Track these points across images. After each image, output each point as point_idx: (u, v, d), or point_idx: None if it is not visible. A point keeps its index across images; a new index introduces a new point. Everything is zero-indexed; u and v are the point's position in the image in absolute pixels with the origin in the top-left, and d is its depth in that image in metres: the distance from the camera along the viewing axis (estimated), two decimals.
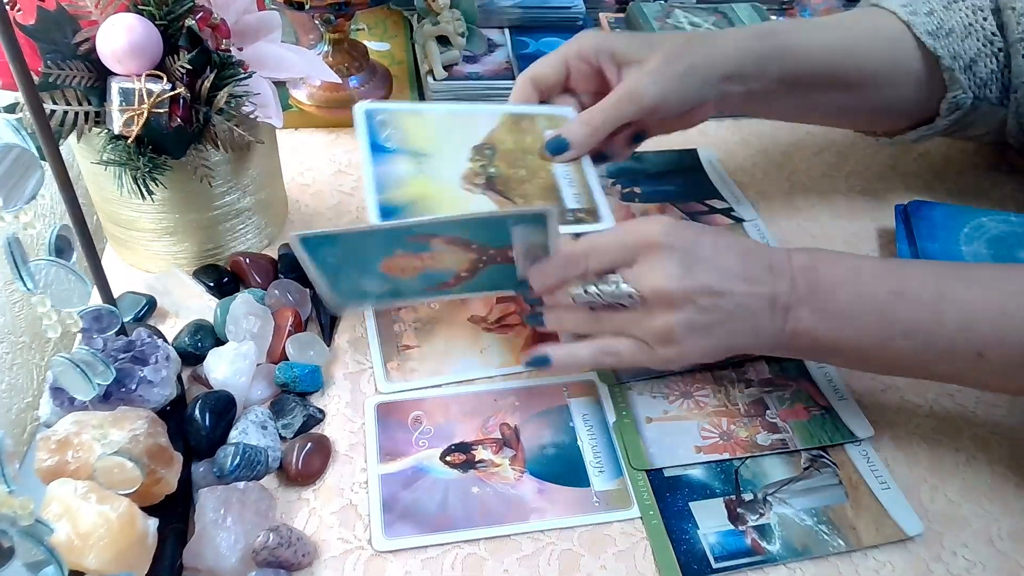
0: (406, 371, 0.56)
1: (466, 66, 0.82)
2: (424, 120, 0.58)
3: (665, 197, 0.72)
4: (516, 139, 0.58)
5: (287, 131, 0.78)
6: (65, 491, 0.40)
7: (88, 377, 0.44)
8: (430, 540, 0.47)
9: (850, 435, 0.53)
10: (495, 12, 0.88)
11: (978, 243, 0.64)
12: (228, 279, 0.60)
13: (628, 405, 0.55)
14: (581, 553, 0.47)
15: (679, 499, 0.49)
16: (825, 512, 0.49)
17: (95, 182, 0.58)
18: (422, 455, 0.51)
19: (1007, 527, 0.49)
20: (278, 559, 0.44)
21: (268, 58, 0.58)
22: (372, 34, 0.90)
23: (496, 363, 0.57)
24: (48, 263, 0.42)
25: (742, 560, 0.47)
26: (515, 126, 0.59)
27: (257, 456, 0.48)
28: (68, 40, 0.50)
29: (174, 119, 0.51)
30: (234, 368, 0.52)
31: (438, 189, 0.54)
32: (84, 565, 0.39)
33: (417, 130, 0.57)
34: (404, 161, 0.55)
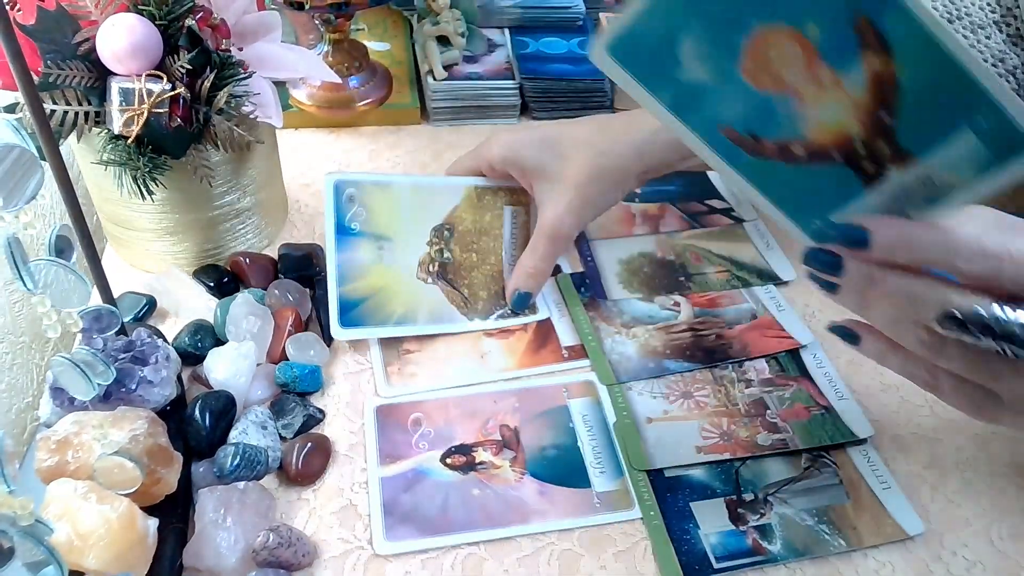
0: (406, 375, 0.56)
1: (466, 66, 0.82)
2: (390, 195, 0.59)
3: (665, 197, 0.72)
4: (476, 217, 0.62)
5: (287, 131, 0.78)
6: (65, 491, 0.40)
7: (88, 377, 0.44)
8: (431, 543, 0.47)
9: (850, 435, 0.53)
10: (495, 12, 0.88)
11: None
12: (228, 279, 0.60)
13: (628, 405, 0.55)
14: (581, 553, 0.47)
15: (680, 499, 0.49)
16: (826, 512, 0.49)
17: (95, 182, 0.58)
18: (422, 457, 0.51)
19: (1007, 527, 0.49)
20: (278, 559, 0.44)
21: (268, 58, 0.58)
22: (372, 34, 0.90)
23: (497, 368, 0.57)
24: (48, 263, 0.42)
25: (743, 560, 0.47)
26: (478, 201, 0.62)
27: (257, 456, 0.48)
28: (68, 40, 0.50)
29: (174, 119, 0.51)
30: (234, 368, 0.52)
31: (395, 279, 0.58)
32: (84, 565, 0.39)
33: (382, 208, 0.59)
34: (366, 247, 0.58)
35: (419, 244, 0.60)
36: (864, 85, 0.33)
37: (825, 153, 0.36)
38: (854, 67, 0.33)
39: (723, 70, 0.35)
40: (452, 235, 0.61)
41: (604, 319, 0.60)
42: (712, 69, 0.35)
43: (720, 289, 0.63)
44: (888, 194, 0.36)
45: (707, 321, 0.60)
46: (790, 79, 0.34)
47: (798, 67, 0.34)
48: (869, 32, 0.32)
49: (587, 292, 0.62)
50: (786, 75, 0.34)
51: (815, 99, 0.34)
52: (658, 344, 0.58)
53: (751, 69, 0.34)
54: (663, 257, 0.66)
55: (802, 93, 0.34)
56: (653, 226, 0.69)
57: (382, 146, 0.77)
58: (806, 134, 0.35)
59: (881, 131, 0.34)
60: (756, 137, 0.36)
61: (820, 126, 0.35)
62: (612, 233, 0.68)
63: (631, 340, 0.59)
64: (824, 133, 0.35)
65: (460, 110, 0.80)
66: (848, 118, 0.34)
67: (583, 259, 0.65)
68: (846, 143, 0.35)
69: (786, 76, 0.34)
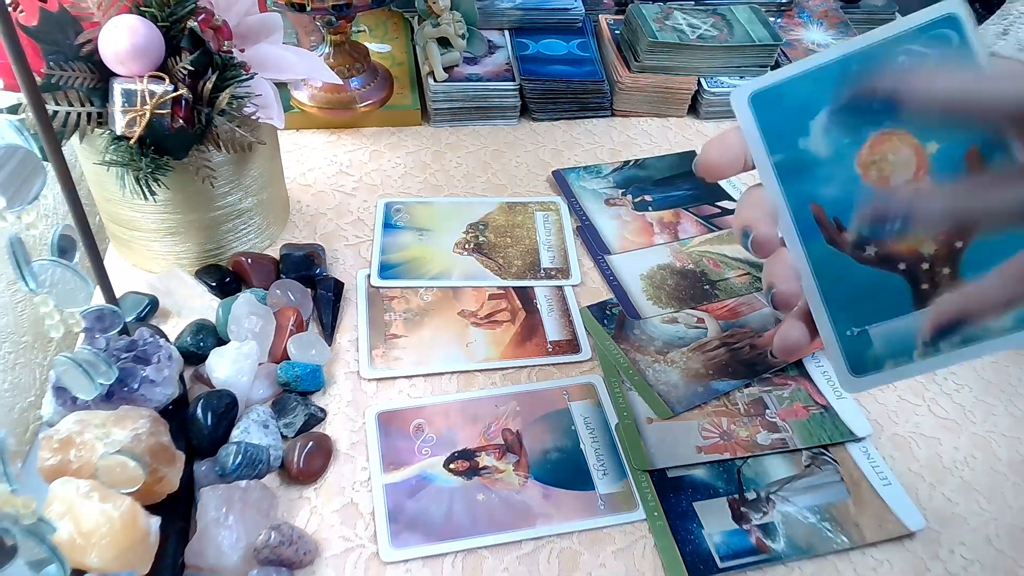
0: (390, 359, 0.57)
1: (466, 67, 0.82)
2: (432, 207, 0.70)
3: (677, 202, 0.72)
4: (508, 218, 0.70)
5: (288, 132, 0.78)
6: (67, 490, 0.41)
7: (90, 376, 0.44)
8: (437, 550, 0.47)
9: (849, 434, 0.53)
10: (495, 14, 0.89)
11: None
12: (230, 279, 0.60)
13: (629, 406, 0.55)
14: (581, 551, 0.47)
15: (683, 499, 0.50)
16: (828, 510, 0.49)
17: (97, 183, 0.58)
18: (425, 463, 0.51)
19: (1004, 526, 0.50)
20: (279, 557, 0.44)
21: (270, 59, 0.58)
22: (373, 36, 0.90)
23: (479, 357, 0.58)
24: (51, 263, 0.42)
25: (747, 559, 0.47)
26: (509, 210, 0.71)
27: (259, 455, 0.48)
28: (70, 41, 0.50)
29: (176, 120, 0.51)
30: (236, 367, 0.52)
31: (432, 253, 0.66)
32: (86, 564, 0.39)
33: (423, 213, 0.70)
34: (408, 235, 0.68)
35: (456, 233, 0.68)
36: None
37: (894, 261, 0.37)
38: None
39: (841, 152, 0.37)
40: (487, 228, 0.68)
41: (638, 350, 0.59)
42: (833, 146, 0.37)
43: (746, 293, 0.63)
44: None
45: (736, 333, 0.60)
46: (895, 180, 0.36)
47: (907, 173, 0.36)
48: (976, 163, 0.35)
49: (611, 324, 0.61)
50: (893, 176, 0.36)
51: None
52: (699, 366, 0.57)
53: (866, 160, 0.36)
54: (682, 267, 0.66)
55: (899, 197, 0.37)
56: (672, 234, 0.69)
57: (383, 147, 0.77)
58: (886, 237, 0.37)
59: (950, 256, 0.36)
60: (840, 225, 0.37)
61: (900, 233, 0.37)
62: (631, 245, 0.68)
63: (671, 367, 0.57)
64: (901, 241, 0.37)
65: (460, 111, 0.81)
66: (928, 234, 0.36)
67: (606, 279, 0.65)
68: (916, 257, 0.37)
69: (892, 177, 0.36)
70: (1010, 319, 0.36)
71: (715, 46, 0.83)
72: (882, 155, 0.37)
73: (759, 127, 0.38)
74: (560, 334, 0.60)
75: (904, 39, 0.36)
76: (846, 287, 0.38)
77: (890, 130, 0.36)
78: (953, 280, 0.37)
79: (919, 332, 0.38)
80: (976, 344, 0.37)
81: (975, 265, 0.36)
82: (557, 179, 0.75)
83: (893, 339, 0.38)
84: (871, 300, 0.38)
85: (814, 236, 0.38)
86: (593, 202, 0.72)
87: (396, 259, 0.65)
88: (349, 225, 0.68)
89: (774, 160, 0.38)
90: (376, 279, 0.63)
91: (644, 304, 0.62)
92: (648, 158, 0.78)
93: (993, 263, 0.36)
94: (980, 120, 0.33)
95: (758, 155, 0.38)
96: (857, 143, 0.37)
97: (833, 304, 0.39)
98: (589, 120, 0.84)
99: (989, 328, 0.37)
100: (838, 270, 0.38)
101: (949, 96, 0.32)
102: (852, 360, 0.39)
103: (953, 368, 0.59)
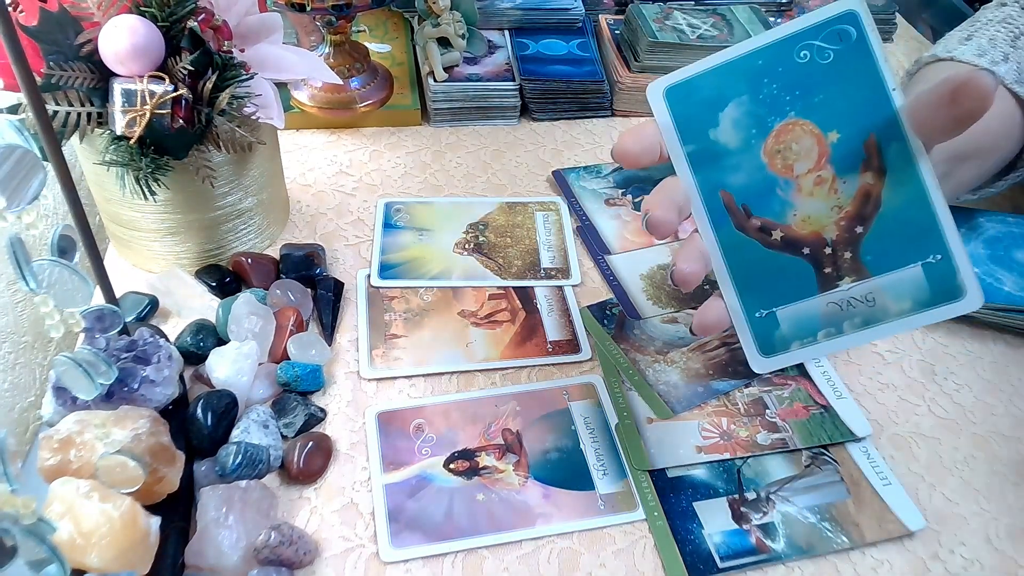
0: (390, 359, 0.57)
1: (466, 67, 0.82)
2: (432, 207, 0.70)
3: None
4: (508, 218, 0.69)
5: (288, 132, 0.78)
6: (67, 490, 0.41)
7: (90, 376, 0.44)
8: (437, 550, 0.47)
9: (849, 434, 0.53)
10: (495, 14, 0.89)
11: (975, 243, 0.64)
12: (230, 279, 0.61)
13: (629, 406, 0.55)
14: (581, 551, 0.47)
15: (683, 499, 0.50)
16: (828, 510, 0.49)
17: (97, 183, 0.58)
18: (425, 463, 0.51)
19: (1005, 526, 0.50)
20: (279, 557, 0.44)
21: (270, 59, 0.58)
22: (373, 35, 0.90)
23: (479, 357, 0.58)
24: (51, 263, 0.42)
25: (747, 559, 0.47)
26: (509, 210, 0.70)
27: (259, 455, 0.48)
28: (70, 41, 0.50)
29: (176, 120, 0.51)
30: (236, 367, 0.52)
31: (432, 253, 0.66)
32: (86, 564, 0.39)
33: (423, 214, 0.70)
34: (408, 234, 0.67)
35: (456, 233, 0.68)
36: (854, 195, 0.39)
37: (798, 245, 0.40)
38: (852, 176, 0.39)
39: (748, 142, 0.39)
40: (487, 228, 0.68)
41: (638, 350, 0.59)
42: (741, 137, 0.40)
43: None
44: (835, 303, 0.40)
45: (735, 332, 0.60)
46: (798, 168, 0.39)
47: (809, 161, 0.39)
48: (874, 152, 0.38)
49: (611, 324, 0.61)
50: (797, 164, 0.39)
51: (810, 193, 0.39)
52: (699, 366, 0.57)
53: (771, 149, 0.39)
54: None
55: (802, 184, 0.39)
56: (672, 234, 0.69)
57: (383, 147, 0.77)
58: (790, 222, 0.40)
59: (851, 241, 0.39)
60: (748, 211, 0.40)
61: (804, 219, 0.40)
62: (631, 245, 0.68)
63: (672, 367, 0.57)
64: (805, 226, 0.40)
65: (460, 111, 0.81)
66: (830, 220, 0.39)
67: (606, 279, 0.65)
68: (819, 241, 0.40)
69: (796, 165, 0.39)
70: (908, 302, 0.39)
71: (715, 46, 0.83)
72: (786, 144, 0.39)
73: (673, 119, 0.40)
74: (560, 334, 0.60)
75: (806, 35, 0.39)
76: (754, 271, 0.41)
77: (794, 119, 0.39)
78: (855, 265, 0.39)
79: (822, 314, 0.40)
80: (876, 326, 0.40)
81: (875, 250, 0.39)
82: (557, 179, 0.75)
83: (798, 321, 0.41)
84: (778, 283, 0.41)
85: (724, 222, 0.40)
86: (593, 202, 0.72)
87: (396, 259, 0.65)
88: (349, 225, 0.68)
89: (686, 150, 0.40)
90: (376, 279, 0.63)
91: (644, 304, 0.62)
92: None
93: (890, 248, 0.39)
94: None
95: (671, 145, 0.40)
96: (763, 133, 0.39)
97: (742, 287, 0.41)
98: (589, 120, 0.84)
99: (888, 310, 0.40)
100: (747, 255, 0.40)
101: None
102: (761, 341, 0.41)
103: (953, 368, 0.59)
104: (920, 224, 0.39)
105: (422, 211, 0.70)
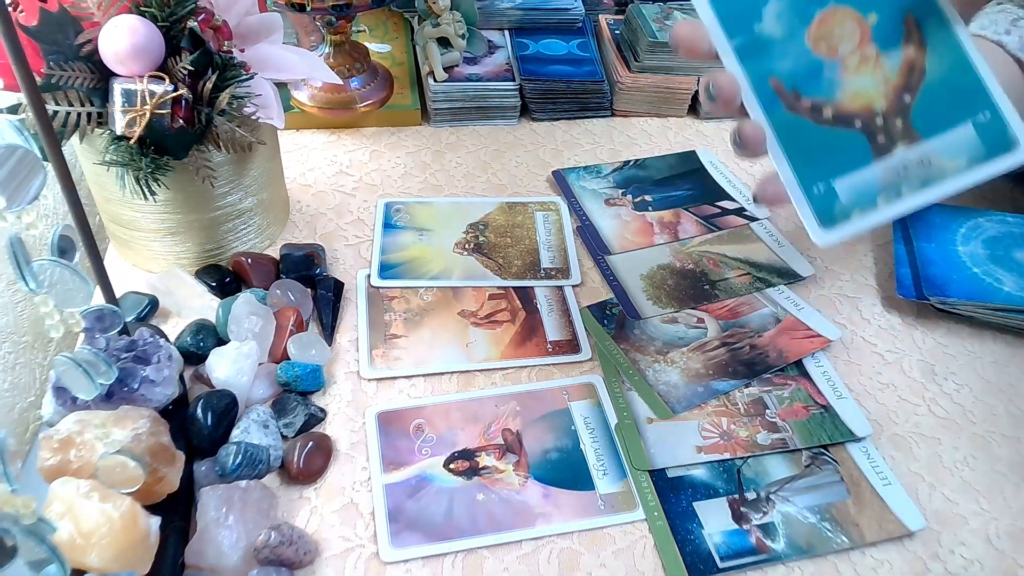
0: (390, 359, 0.57)
1: (466, 67, 0.82)
2: (432, 207, 0.70)
3: (677, 202, 0.72)
4: (508, 218, 0.70)
5: (288, 132, 0.78)
6: (67, 490, 0.41)
7: (90, 376, 0.44)
8: (437, 549, 0.47)
9: (849, 434, 0.53)
10: (495, 14, 0.89)
11: (975, 243, 0.64)
12: (230, 279, 0.61)
13: (629, 406, 0.55)
14: (581, 551, 0.47)
15: (683, 499, 0.50)
16: (828, 510, 0.49)
17: (97, 183, 0.58)
18: (425, 463, 0.51)
19: (1005, 526, 0.50)
20: (279, 557, 0.44)
21: (270, 59, 0.58)
22: (373, 36, 0.90)
23: (479, 357, 0.58)
24: (51, 263, 0.42)
25: (747, 559, 0.47)
26: (509, 210, 0.71)
27: (259, 455, 0.48)
28: (70, 41, 0.50)
29: (176, 120, 0.51)
30: (236, 367, 0.52)
31: (432, 253, 0.66)
32: (86, 563, 0.39)
33: (423, 214, 0.70)
34: (408, 234, 0.68)
35: (456, 232, 0.68)
36: (898, 68, 0.42)
37: (849, 119, 0.42)
38: (895, 51, 0.42)
39: (793, 31, 0.41)
40: (487, 228, 0.68)
41: (638, 350, 0.59)
42: (785, 27, 0.42)
43: (746, 292, 0.63)
44: (891, 168, 0.42)
45: (736, 333, 0.60)
46: (843, 50, 0.42)
47: (852, 42, 0.42)
48: (914, 28, 0.41)
49: (611, 324, 0.61)
50: (840, 46, 0.42)
51: (856, 71, 0.42)
52: (699, 366, 0.57)
53: (815, 35, 0.42)
54: (682, 267, 0.66)
55: (848, 63, 0.42)
56: (672, 234, 0.69)
57: (383, 147, 0.77)
58: (840, 99, 0.42)
59: (900, 109, 0.42)
60: (798, 94, 0.42)
61: (853, 94, 0.42)
62: (631, 245, 0.68)
63: (671, 367, 0.57)
64: (855, 100, 0.42)
65: (460, 111, 0.81)
66: (878, 92, 0.42)
67: (606, 279, 0.65)
68: (869, 113, 0.42)
69: (840, 47, 0.42)
70: (963, 159, 0.42)
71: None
72: (829, 28, 0.42)
73: (717, 16, 0.42)
74: (560, 334, 0.60)
75: None
76: (809, 148, 0.42)
77: (834, 6, 0.42)
78: (907, 131, 0.42)
79: (880, 180, 0.42)
80: (935, 184, 0.42)
81: (925, 115, 0.42)
82: (557, 179, 0.75)
83: (857, 189, 0.42)
84: (833, 157, 0.42)
85: (775, 106, 0.42)
86: (593, 202, 0.72)
87: (396, 259, 0.65)
88: (349, 225, 0.68)
89: (733, 44, 0.42)
90: (376, 279, 0.63)
91: (644, 304, 0.62)
92: (648, 158, 0.78)
93: (940, 111, 0.42)
94: None
95: (719, 41, 0.42)
96: (807, 21, 0.42)
97: (798, 164, 0.42)
98: (589, 120, 0.84)
99: (944, 169, 0.42)
100: (800, 133, 0.42)
101: None
102: (821, 214, 0.42)
103: (953, 368, 0.59)
104: (966, 86, 0.41)
105: (422, 211, 0.70)
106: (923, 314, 0.63)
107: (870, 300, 0.64)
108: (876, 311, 0.63)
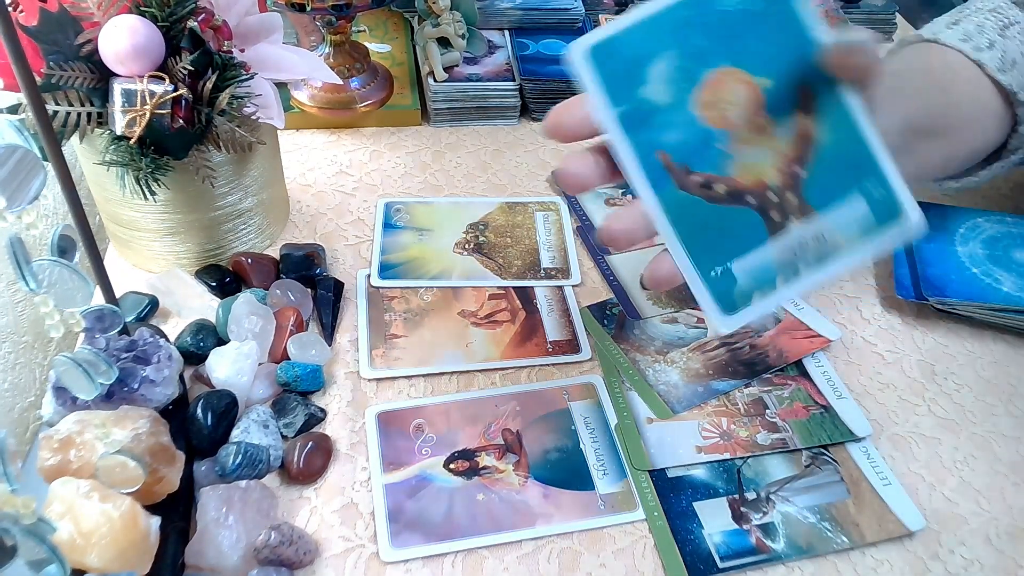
0: (390, 360, 0.57)
1: (466, 68, 0.82)
2: (432, 207, 0.70)
3: None
4: (508, 218, 0.70)
5: (288, 132, 0.78)
6: (67, 490, 0.41)
7: (90, 376, 0.44)
8: (436, 550, 0.47)
9: (849, 434, 0.53)
10: (495, 14, 0.89)
11: (974, 243, 0.64)
12: (230, 279, 0.61)
13: (629, 406, 0.55)
14: (581, 551, 0.47)
15: (683, 499, 0.50)
16: (828, 510, 0.49)
17: (97, 183, 0.58)
18: (425, 463, 0.51)
19: (1005, 526, 0.50)
20: (280, 557, 0.44)
21: (270, 59, 0.58)
22: (373, 35, 0.90)
23: (480, 357, 0.58)
24: (51, 263, 0.42)
25: (747, 559, 0.47)
26: (509, 210, 0.70)
27: (259, 455, 0.48)
28: (70, 41, 0.50)
29: (176, 120, 0.51)
30: (236, 367, 0.52)
31: (432, 253, 0.66)
32: (86, 563, 0.39)
33: (424, 214, 0.70)
34: (408, 234, 0.67)
35: (456, 233, 0.68)
36: (790, 139, 0.39)
37: (742, 195, 0.39)
38: (787, 121, 0.39)
39: (680, 97, 0.38)
40: (487, 228, 0.68)
41: (638, 350, 0.58)
42: (671, 93, 0.38)
43: None
44: (787, 247, 0.40)
45: (735, 332, 0.60)
46: (734, 118, 0.38)
47: (743, 109, 0.38)
48: (808, 97, 0.39)
49: (611, 324, 0.61)
50: (731, 114, 0.38)
51: (748, 141, 0.39)
52: (699, 366, 0.57)
53: (704, 101, 0.38)
54: None
55: (739, 133, 0.38)
56: None
57: (383, 147, 0.77)
58: (732, 173, 0.39)
59: (793, 183, 0.39)
60: (688, 168, 0.39)
61: (745, 168, 0.39)
62: None
63: (671, 367, 0.57)
64: (747, 175, 0.39)
65: (460, 111, 0.81)
66: (770, 165, 0.39)
67: (606, 279, 0.65)
68: (762, 189, 0.39)
69: (731, 114, 0.38)
70: (856, 232, 0.40)
71: None
72: (718, 93, 0.38)
73: (600, 80, 0.38)
74: (560, 334, 0.60)
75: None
76: (702, 228, 0.39)
77: (725, 68, 0.38)
78: (801, 206, 0.39)
79: (776, 260, 0.40)
80: (830, 261, 0.40)
81: (817, 187, 0.39)
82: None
83: (755, 271, 0.40)
84: (729, 237, 0.40)
85: (665, 184, 0.39)
86: (593, 202, 0.72)
87: (396, 259, 0.65)
88: (349, 225, 0.68)
89: (617, 112, 0.38)
90: (376, 279, 0.63)
91: (644, 304, 0.62)
92: None
93: (831, 183, 0.39)
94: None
95: (602, 109, 0.38)
96: (693, 84, 0.38)
97: (694, 248, 0.40)
98: None
99: (839, 244, 0.40)
100: (692, 213, 0.39)
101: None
102: (722, 300, 0.40)
103: (953, 368, 0.59)
104: (855, 155, 0.39)
105: (422, 211, 0.70)
106: (923, 314, 0.63)
107: (870, 300, 0.64)
108: (876, 311, 0.63)
